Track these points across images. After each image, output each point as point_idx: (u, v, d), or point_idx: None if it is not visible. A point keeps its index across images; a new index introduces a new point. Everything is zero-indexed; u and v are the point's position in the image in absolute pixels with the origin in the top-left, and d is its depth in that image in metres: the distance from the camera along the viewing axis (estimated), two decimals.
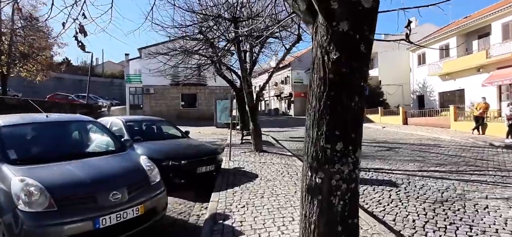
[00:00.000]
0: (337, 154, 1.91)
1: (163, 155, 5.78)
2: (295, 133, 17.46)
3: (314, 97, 1.98)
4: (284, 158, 8.26)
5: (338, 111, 1.89)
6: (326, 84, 1.89)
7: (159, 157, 5.75)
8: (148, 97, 31.66)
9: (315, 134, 1.97)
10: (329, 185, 1.93)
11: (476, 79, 20.95)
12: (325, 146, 1.92)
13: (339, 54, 1.82)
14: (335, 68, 1.85)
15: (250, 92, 8.77)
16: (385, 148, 10.80)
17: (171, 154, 5.87)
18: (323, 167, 1.94)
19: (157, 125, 7.62)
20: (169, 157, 5.75)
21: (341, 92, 1.87)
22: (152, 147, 6.11)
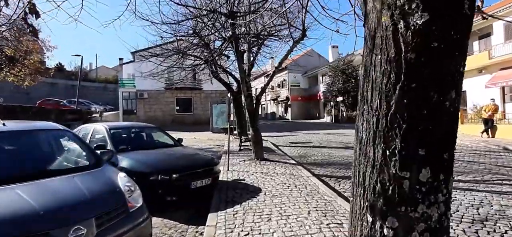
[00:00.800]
0: (422, 187, 1.13)
1: (151, 168, 4.97)
2: (294, 138, 16.71)
3: (376, 93, 1.21)
4: (288, 168, 7.47)
5: (424, 115, 1.11)
6: (402, 70, 1.12)
7: (147, 170, 4.94)
8: (142, 102, 30.73)
9: (379, 153, 1.20)
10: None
11: (478, 81, 20.47)
12: (400, 174, 1.15)
13: (429, 15, 1.05)
14: (420, 42, 1.08)
15: (250, 95, 8.01)
16: None
17: (160, 167, 5.05)
18: (396, 210, 1.16)
19: (147, 132, 6.79)
20: (159, 170, 4.93)
21: (428, 83, 1.10)
22: (139, 158, 5.29)
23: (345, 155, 10.26)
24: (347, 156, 10.03)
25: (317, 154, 10.70)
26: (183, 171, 5.11)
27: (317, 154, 10.80)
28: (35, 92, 42.00)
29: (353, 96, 27.02)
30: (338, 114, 29.08)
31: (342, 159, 9.55)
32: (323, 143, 13.90)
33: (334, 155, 10.41)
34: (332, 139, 15.17)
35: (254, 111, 8.17)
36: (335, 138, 15.62)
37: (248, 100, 7.99)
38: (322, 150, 11.74)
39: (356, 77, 28.06)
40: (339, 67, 28.82)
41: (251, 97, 8.13)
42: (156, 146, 6.33)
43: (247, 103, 7.94)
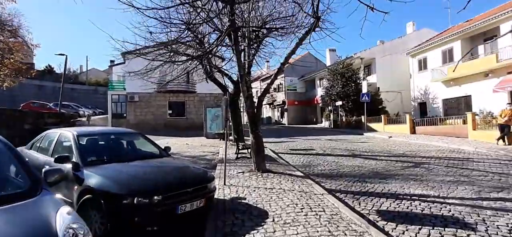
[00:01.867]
0: None
1: (126, 188, 3.79)
2: (294, 144, 15.60)
3: None
4: (296, 182, 6.33)
5: None
6: None
7: (120, 190, 3.75)
8: (132, 106, 29.34)
9: None
10: None
11: (484, 85, 19.71)
12: None
13: None
14: None
15: (250, 96, 6.88)
16: (410, 164, 9.02)
17: (138, 186, 3.88)
18: None
19: (126, 140, 5.57)
20: (135, 191, 3.76)
21: None
22: (112, 175, 4.10)
23: (355, 164, 9.18)
24: (357, 165, 8.95)
25: (323, 163, 9.59)
26: (167, 191, 3.94)
27: (322, 163, 9.70)
28: (20, 94, 40.28)
29: (353, 100, 26.06)
30: (337, 119, 28.09)
31: (353, 169, 8.45)
32: (327, 150, 12.82)
33: (342, 164, 9.32)
34: (335, 146, 14.10)
35: (255, 114, 7.03)
36: (338, 145, 14.56)
37: (248, 101, 6.85)
38: (327, 158, 10.65)
39: (356, 81, 27.16)
40: (338, 70, 27.89)
41: (251, 98, 7.01)
42: (137, 157, 5.12)
43: (247, 105, 6.81)
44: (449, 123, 18.14)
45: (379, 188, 6.28)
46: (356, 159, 10.10)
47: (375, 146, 13.84)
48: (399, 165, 8.79)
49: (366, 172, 7.99)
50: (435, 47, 23.98)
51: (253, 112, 7.03)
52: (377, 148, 12.89)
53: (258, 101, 7.14)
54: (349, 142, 15.67)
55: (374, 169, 8.30)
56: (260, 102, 7.14)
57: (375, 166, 8.81)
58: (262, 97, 7.11)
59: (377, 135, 19.03)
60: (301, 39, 6.29)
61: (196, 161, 10.97)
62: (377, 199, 5.47)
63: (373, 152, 11.77)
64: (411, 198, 5.42)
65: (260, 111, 7.21)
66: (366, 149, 12.69)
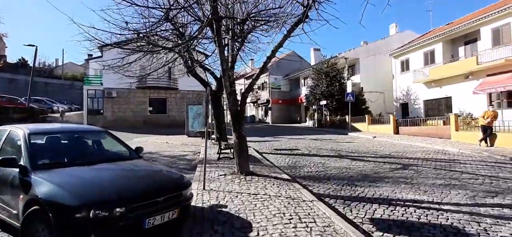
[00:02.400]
0: None
1: (80, 198, 3.13)
2: (278, 144, 15.16)
3: None
4: (282, 186, 5.83)
5: None
6: None
7: (72, 201, 3.09)
8: (110, 102, 27.96)
9: None
10: None
11: (464, 87, 20.09)
12: None
13: None
14: None
15: (233, 92, 6.31)
16: (399, 165, 8.76)
17: (95, 195, 3.23)
18: None
19: (91, 139, 4.84)
20: (91, 202, 3.11)
21: None
22: (66, 181, 3.42)
23: (342, 166, 8.82)
24: (345, 167, 8.59)
25: (309, 165, 9.18)
26: (133, 201, 3.31)
27: (309, 164, 9.29)
28: None
29: (338, 100, 26.01)
30: (321, 118, 27.98)
31: (340, 171, 8.08)
32: (312, 150, 12.45)
33: (329, 165, 8.94)
34: (320, 146, 13.78)
35: (238, 112, 6.47)
36: (323, 145, 14.25)
37: (231, 98, 6.27)
38: (313, 159, 10.25)
39: (340, 81, 27.13)
40: (323, 69, 27.76)
41: (234, 94, 6.44)
42: (102, 159, 4.41)
43: (230, 102, 6.23)
44: (432, 124, 18.33)
45: (370, 192, 5.90)
46: (343, 160, 9.77)
47: (360, 146, 13.62)
48: (387, 167, 8.50)
49: (355, 174, 7.63)
50: (417, 48, 24.29)
51: (236, 110, 6.46)
52: (363, 149, 12.67)
53: (242, 97, 6.57)
54: (334, 142, 15.42)
55: (363, 171, 7.96)
56: (244, 99, 6.57)
57: (363, 167, 8.48)
58: (246, 93, 6.55)
59: (361, 135, 18.95)
60: (289, 31, 5.78)
61: (175, 161, 10.28)
62: (369, 205, 5.07)
63: (359, 153, 11.51)
64: (405, 204, 5.05)
65: (244, 109, 6.66)
66: (352, 150, 12.43)
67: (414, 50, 24.60)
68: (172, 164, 9.75)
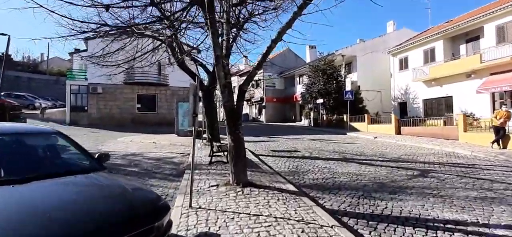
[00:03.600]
0: None
1: None
2: (275, 144, 14.06)
3: None
4: (289, 202, 4.71)
5: None
6: None
7: None
8: (95, 98, 26.35)
9: None
10: None
11: (466, 86, 19.38)
12: None
13: None
14: None
15: (229, 85, 5.15)
16: (414, 171, 7.76)
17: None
18: None
19: (35, 144, 3.59)
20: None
21: None
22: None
23: (351, 171, 7.76)
24: (354, 173, 7.54)
25: (313, 169, 8.10)
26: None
27: (313, 169, 8.21)
28: None
29: (335, 98, 25.07)
30: (317, 117, 27.01)
31: (350, 178, 7.02)
32: (313, 152, 11.39)
33: (336, 171, 7.88)
34: (321, 147, 12.73)
35: (234, 109, 5.31)
36: (324, 146, 13.21)
37: (226, 92, 5.10)
38: (316, 162, 9.18)
39: (337, 78, 26.20)
40: (320, 66, 26.79)
41: (230, 88, 5.28)
42: (43, 174, 3.15)
43: (225, 97, 5.06)
44: (433, 124, 17.51)
45: (395, 208, 4.84)
46: (350, 164, 8.72)
47: (364, 148, 12.63)
48: (403, 173, 7.47)
49: (369, 182, 6.57)
50: (416, 46, 23.52)
51: (231, 107, 5.30)
52: (367, 151, 11.67)
53: (239, 92, 5.39)
54: (334, 143, 14.40)
55: (377, 179, 6.91)
56: (242, 93, 5.40)
57: (375, 174, 7.44)
58: (244, 86, 5.38)
59: (361, 135, 18.01)
60: (300, 7, 4.67)
61: (160, 165, 9.05)
62: (401, 229, 4.00)
63: (365, 156, 10.49)
64: (447, 227, 4.01)
65: (241, 106, 5.49)
66: (356, 152, 11.41)
67: (413, 48, 23.83)
68: (156, 169, 8.54)
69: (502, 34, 17.37)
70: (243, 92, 5.44)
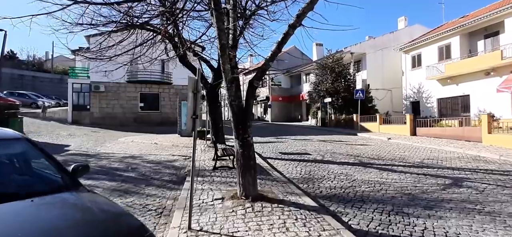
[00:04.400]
0: None
1: None
2: (283, 146, 13.23)
3: None
4: (310, 222, 3.88)
5: None
6: None
7: None
8: (97, 96, 25.78)
9: None
10: None
11: (485, 84, 18.31)
12: None
13: None
14: None
15: (236, 80, 4.34)
16: (445, 180, 6.87)
17: None
18: None
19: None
20: None
21: None
22: None
23: (372, 179, 6.91)
24: (376, 181, 6.69)
25: (328, 176, 7.27)
26: None
27: (328, 175, 7.38)
28: None
29: (344, 97, 24.12)
30: (325, 117, 26.07)
31: (373, 187, 6.19)
32: (325, 155, 10.54)
33: (355, 177, 7.04)
34: (333, 149, 11.87)
35: (243, 109, 4.49)
36: (335, 148, 12.34)
37: (233, 88, 4.29)
38: (330, 167, 8.34)
39: (346, 77, 25.25)
40: (328, 64, 25.83)
41: (238, 83, 4.46)
42: (8, 194, 2.39)
43: (232, 94, 4.25)
44: (449, 124, 16.48)
45: (437, 229, 4.00)
46: (369, 170, 7.85)
47: (379, 150, 11.74)
48: (433, 182, 6.59)
49: (396, 193, 5.72)
50: (430, 42, 22.45)
51: (240, 106, 4.49)
52: (384, 154, 10.78)
53: (249, 87, 4.55)
54: (346, 144, 13.51)
55: (404, 189, 6.05)
56: (252, 90, 4.53)
57: (400, 182, 6.58)
58: (256, 81, 4.47)
59: (372, 136, 17.08)
60: None
61: (159, 169, 8.29)
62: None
63: (383, 159, 9.61)
64: None
65: (251, 104, 4.65)
66: (371, 155, 10.53)
67: (427, 45, 22.76)
68: (155, 174, 7.77)
69: None
70: (254, 88, 4.61)
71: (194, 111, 3.61)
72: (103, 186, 6.59)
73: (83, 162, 4.12)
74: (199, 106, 3.72)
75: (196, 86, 3.57)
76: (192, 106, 3.59)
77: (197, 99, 3.60)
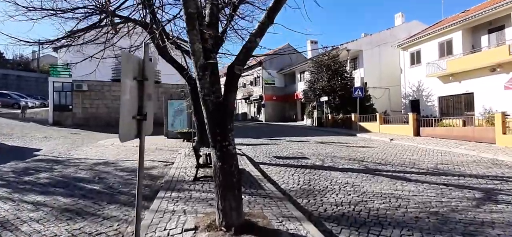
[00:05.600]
0: None
1: None
2: (277, 149, 12.01)
3: None
4: None
5: None
6: None
7: None
8: (80, 96, 24.23)
9: None
10: None
11: (490, 81, 17.37)
12: None
13: None
14: None
15: (212, 67, 3.09)
16: (474, 192, 5.73)
17: None
18: None
19: None
20: None
21: None
22: None
23: (384, 191, 5.74)
24: (389, 194, 5.52)
25: (331, 187, 6.09)
26: None
27: (330, 185, 6.19)
28: None
29: (341, 96, 23.04)
30: (321, 116, 24.95)
31: (388, 204, 5.03)
32: (325, 159, 9.36)
33: (364, 190, 5.85)
34: (333, 152, 10.71)
35: (221, 105, 3.25)
36: (335, 151, 11.18)
37: (206, 77, 3.03)
38: (333, 175, 7.15)
39: (342, 74, 24.16)
40: (323, 62, 24.71)
41: (214, 71, 3.20)
42: None
43: (206, 86, 2.99)
44: (446, 124, 15.45)
45: None
46: (379, 179, 6.67)
47: (384, 153, 10.60)
48: (459, 196, 5.42)
49: (420, 213, 4.55)
50: (431, 38, 21.47)
51: (217, 102, 3.25)
52: (390, 157, 9.63)
53: (229, 76, 3.27)
54: (347, 147, 12.36)
55: (427, 204, 4.89)
56: (233, 79, 3.27)
57: (420, 196, 5.42)
58: (237, 65, 3.11)
59: (373, 136, 15.98)
60: None
61: (132, 179, 6.99)
62: None
63: (391, 164, 8.46)
64: None
65: (231, 100, 3.38)
66: (377, 159, 9.38)
67: (427, 40, 21.78)
68: (124, 186, 6.48)
69: None
70: (235, 77, 3.34)
71: (139, 108, 2.36)
72: (54, 204, 5.28)
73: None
74: (148, 99, 2.46)
75: (141, 70, 2.31)
76: (133, 100, 2.32)
77: (143, 90, 2.35)
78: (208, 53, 3.18)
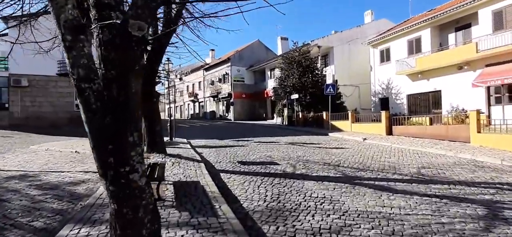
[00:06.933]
0: None
1: None
2: (244, 151, 10.66)
3: None
4: None
5: None
6: None
7: None
8: (18, 92, 21.03)
9: None
10: None
11: (457, 79, 17.41)
12: None
13: None
14: None
15: (85, 30, 1.70)
16: (474, 206, 4.76)
17: None
18: None
19: None
20: None
21: None
22: None
23: (369, 209, 4.60)
24: (377, 212, 4.39)
25: (307, 204, 4.85)
26: None
27: (306, 202, 4.95)
28: None
29: (312, 93, 22.23)
30: (292, 115, 24.01)
31: (380, 229, 3.90)
32: (297, 164, 8.16)
33: (346, 207, 4.68)
34: (305, 156, 9.57)
35: (115, 100, 1.81)
36: (308, 153, 10.06)
37: (77, 46, 1.62)
38: (307, 185, 5.93)
39: (314, 71, 23.40)
40: (294, 58, 23.76)
41: (98, 33, 1.78)
42: None
43: (76, 61, 1.61)
44: (415, 122, 15.13)
45: None
46: (361, 191, 5.54)
47: (359, 155, 9.65)
48: (461, 213, 4.40)
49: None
50: (400, 36, 21.35)
51: (105, 93, 1.77)
52: (368, 161, 8.67)
53: (122, 45, 1.77)
54: (320, 148, 11.31)
55: (427, 229, 3.83)
56: (130, 51, 1.80)
57: (414, 213, 4.34)
58: (133, 29, 1.76)
59: (345, 136, 15.20)
60: None
61: (44, 202, 5.21)
62: None
63: (370, 170, 7.44)
64: None
65: (133, 88, 1.89)
66: (353, 163, 8.35)
67: (396, 38, 21.65)
68: (29, 212, 4.71)
69: (500, 20, 15.45)
70: (135, 45, 1.81)
71: None
72: None
73: None
74: None
75: None
76: None
77: None
78: (84, 11, 1.68)
